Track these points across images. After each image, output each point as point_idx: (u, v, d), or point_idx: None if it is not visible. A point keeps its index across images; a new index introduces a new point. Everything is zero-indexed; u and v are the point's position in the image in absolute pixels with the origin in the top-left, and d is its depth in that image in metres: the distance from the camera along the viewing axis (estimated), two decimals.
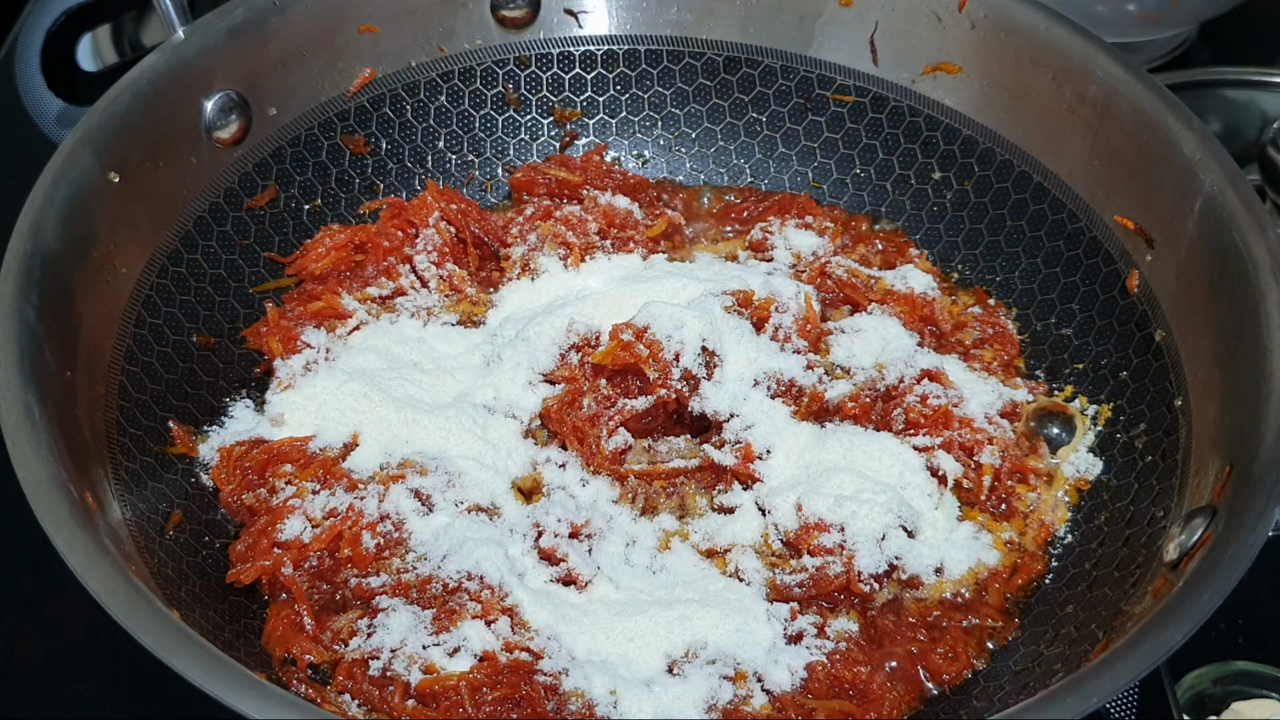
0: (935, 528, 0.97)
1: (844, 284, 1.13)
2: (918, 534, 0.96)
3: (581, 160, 1.24)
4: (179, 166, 1.06)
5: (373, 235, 1.15)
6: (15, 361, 0.83)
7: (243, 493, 0.97)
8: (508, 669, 0.85)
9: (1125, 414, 1.02)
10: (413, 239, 1.16)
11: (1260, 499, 0.79)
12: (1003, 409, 1.04)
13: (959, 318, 1.14)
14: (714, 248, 1.23)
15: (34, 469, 0.78)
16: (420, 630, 0.88)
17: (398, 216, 1.16)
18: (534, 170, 1.24)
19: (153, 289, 1.02)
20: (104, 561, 0.75)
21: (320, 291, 1.12)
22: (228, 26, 1.09)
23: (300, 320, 1.09)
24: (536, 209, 1.19)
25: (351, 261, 1.15)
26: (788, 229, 1.18)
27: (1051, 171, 1.13)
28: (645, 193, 1.24)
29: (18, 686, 1.00)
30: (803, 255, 1.17)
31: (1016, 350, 1.12)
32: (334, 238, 1.14)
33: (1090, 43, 1.09)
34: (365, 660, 0.87)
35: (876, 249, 1.20)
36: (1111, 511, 0.97)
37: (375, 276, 1.14)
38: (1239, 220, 0.95)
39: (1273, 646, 0.99)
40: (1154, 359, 1.01)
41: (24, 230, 0.90)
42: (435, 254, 1.15)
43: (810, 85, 1.24)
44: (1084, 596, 0.92)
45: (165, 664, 0.71)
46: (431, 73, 1.23)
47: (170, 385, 1.02)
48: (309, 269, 1.13)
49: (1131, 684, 0.74)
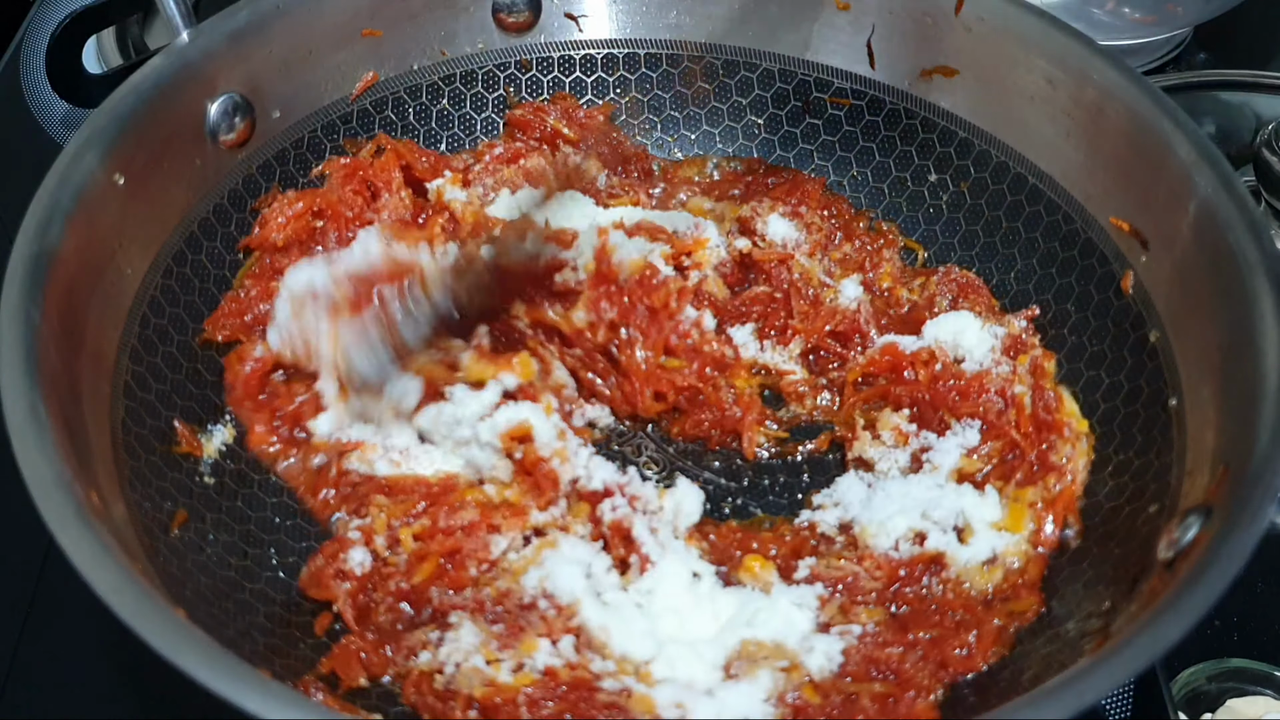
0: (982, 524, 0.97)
1: (794, 285, 1.14)
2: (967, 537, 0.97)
3: (585, 116, 1.24)
4: (183, 168, 1.07)
5: (331, 201, 1.14)
6: (21, 362, 0.83)
7: (336, 510, 1.00)
8: (570, 684, 0.85)
9: (1120, 414, 1.03)
10: (371, 202, 1.15)
11: (1255, 498, 0.80)
12: (1004, 345, 1.06)
13: (924, 296, 1.15)
14: (705, 201, 1.22)
15: (39, 468, 0.79)
16: (487, 645, 0.88)
17: (353, 177, 1.16)
18: (536, 111, 1.24)
19: (157, 289, 1.03)
20: (109, 560, 0.76)
21: (285, 264, 1.10)
22: (232, 29, 1.09)
23: (259, 301, 1.08)
24: (505, 151, 1.19)
25: (311, 228, 1.14)
26: (773, 215, 1.18)
27: (1047, 174, 1.14)
28: (636, 165, 1.24)
29: (20, 686, 1.01)
30: (773, 243, 1.17)
31: (989, 295, 1.13)
32: (292, 206, 1.13)
33: (1086, 46, 1.10)
34: (431, 674, 0.88)
35: (865, 246, 1.20)
36: (1105, 511, 0.98)
37: (335, 244, 1.12)
38: (1233, 222, 0.95)
39: (1268, 644, 1.00)
40: (1149, 359, 1.01)
41: (29, 232, 0.91)
42: (398, 223, 1.14)
43: (808, 88, 1.25)
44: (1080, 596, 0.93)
45: (170, 663, 0.71)
46: (433, 76, 1.24)
47: (175, 385, 1.02)
48: (270, 240, 1.12)
49: (1127, 681, 0.74)
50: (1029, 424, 1.02)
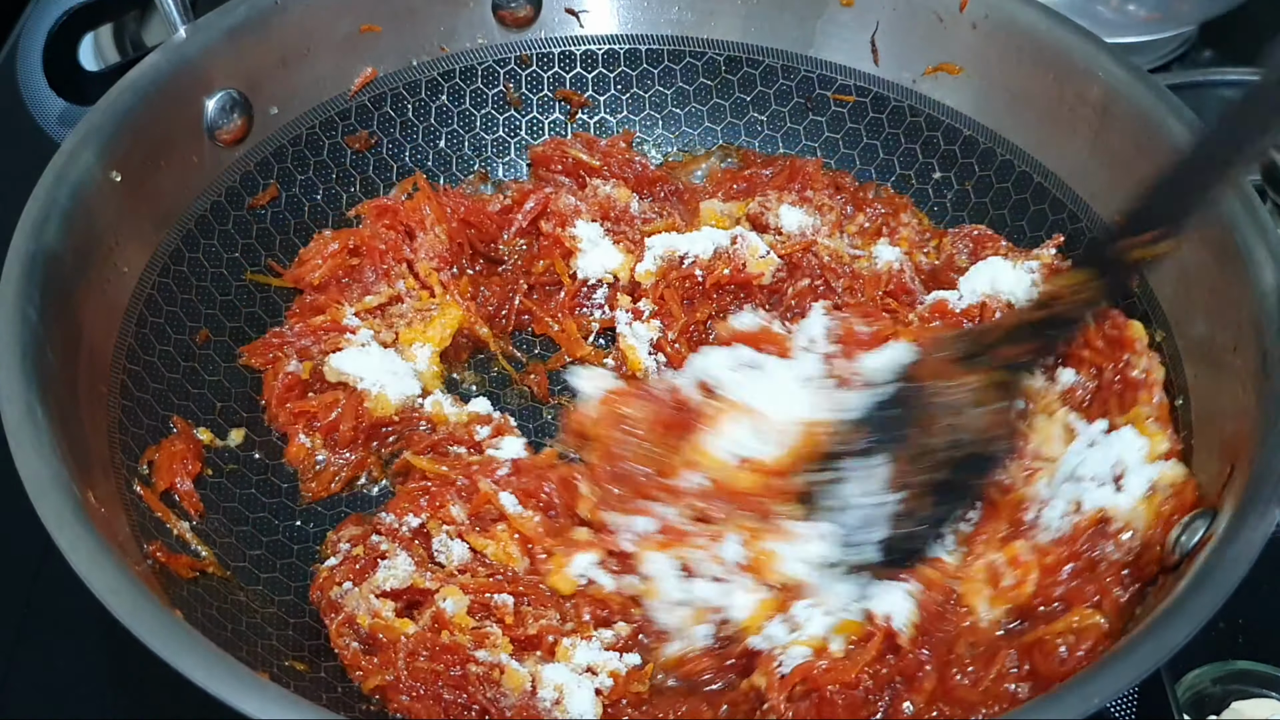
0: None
1: (826, 267, 1.13)
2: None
3: (607, 144, 1.24)
4: (181, 165, 1.06)
5: (366, 239, 1.14)
6: (18, 361, 0.83)
7: None
8: (446, 648, 0.87)
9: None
10: (409, 240, 1.15)
11: (1261, 500, 0.79)
12: (1044, 277, 1.06)
13: (943, 257, 1.15)
14: (719, 208, 1.21)
15: (37, 468, 0.78)
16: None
17: (386, 217, 1.16)
18: (557, 145, 1.23)
19: (155, 288, 1.02)
20: (107, 561, 0.75)
21: (323, 303, 1.11)
22: (229, 25, 1.09)
23: (301, 337, 1.09)
24: (536, 202, 1.18)
25: (348, 266, 1.14)
26: (783, 207, 1.17)
27: (1052, 172, 1.13)
28: (662, 187, 1.23)
29: (18, 686, 1.00)
30: (791, 235, 1.15)
31: (1005, 242, 1.14)
32: (328, 245, 1.14)
33: (1091, 43, 1.09)
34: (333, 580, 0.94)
35: (879, 212, 1.19)
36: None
37: (375, 281, 1.13)
38: (1239, 221, 0.95)
39: (1273, 646, 0.99)
40: None
41: (26, 230, 0.90)
42: (436, 260, 1.14)
43: (811, 85, 1.25)
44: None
45: (168, 664, 0.71)
46: (433, 72, 1.23)
47: (172, 384, 1.02)
48: (307, 278, 1.13)
49: (1133, 684, 0.74)
50: (1099, 338, 0.98)
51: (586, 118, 1.28)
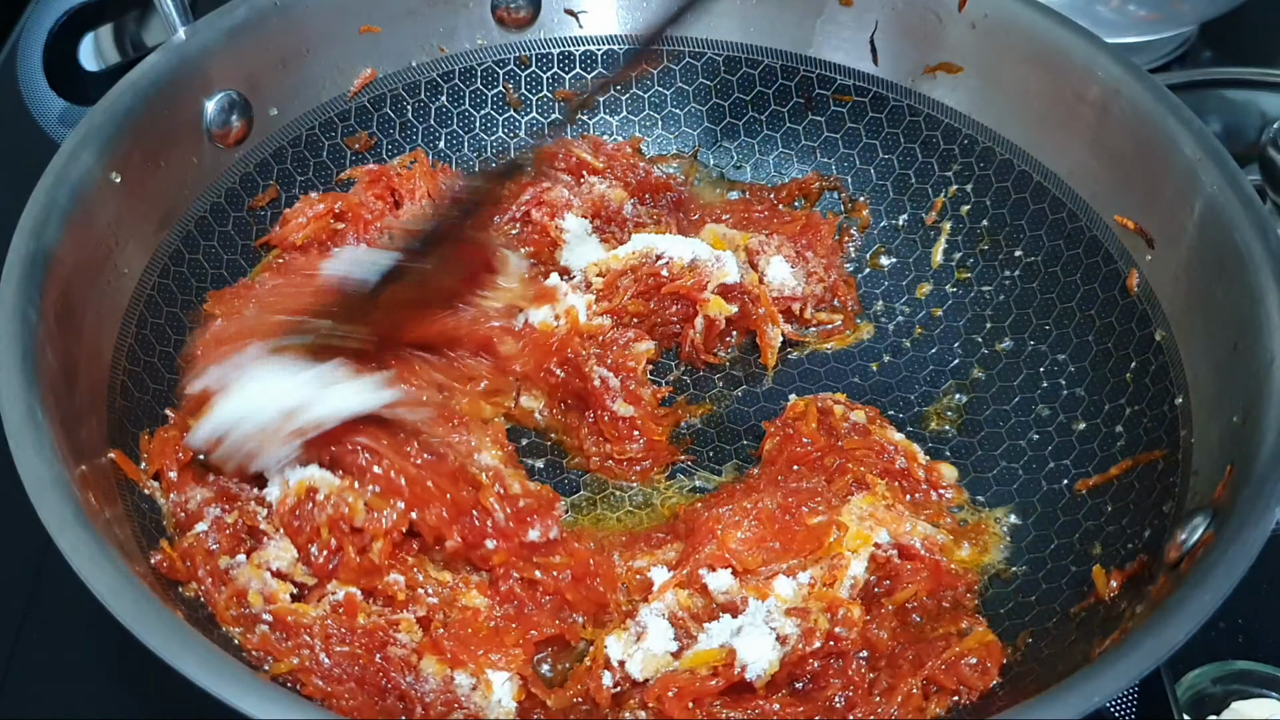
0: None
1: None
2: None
3: (614, 148, 1.24)
4: (181, 166, 1.06)
5: (354, 204, 1.14)
6: (18, 363, 0.83)
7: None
8: (365, 630, 0.85)
9: (1125, 414, 1.02)
10: (395, 208, 1.15)
11: (1261, 499, 0.79)
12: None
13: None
14: (722, 233, 1.20)
15: (37, 470, 0.78)
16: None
17: (378, 183, 1.15)
18: (562, 144, 1.23)
19: (155, 289, 1.02)
20: (107, 562, 0.75)
21: (303, 263, 1.09)
22: (229, 26, 1.09)
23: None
24: (534, 194, 1.18)
25: (331, 230, 1.13)
26: (777, 258, 1.15)
27: (1052, 171, 1.13)
28: (664, 195, 1.23)
29: (19, 686, 1.00)
30: (770, 285, 1.14)
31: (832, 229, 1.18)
32: (313, 206, 1.13)
33: (1091, 43, 1.09)
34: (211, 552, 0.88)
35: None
36: (1108, 514, 0.98)
37: (356, 246, 1.12)
38: (1239, 220, 0.95)
39: (1273, 646, 0.99)
40: (1154, 358, 1.01)
41: (26, 231, 0.90)
42: None
43: (810, 85, 1.25)
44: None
45: (169, 665, 0.71)
46: (432, 73, 1.23)
47: (172, 385, 1.01)
48: (289, 239, 1.12)
49: (1133, 683, 0.74)
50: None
51: (586, 118, 1.28)
